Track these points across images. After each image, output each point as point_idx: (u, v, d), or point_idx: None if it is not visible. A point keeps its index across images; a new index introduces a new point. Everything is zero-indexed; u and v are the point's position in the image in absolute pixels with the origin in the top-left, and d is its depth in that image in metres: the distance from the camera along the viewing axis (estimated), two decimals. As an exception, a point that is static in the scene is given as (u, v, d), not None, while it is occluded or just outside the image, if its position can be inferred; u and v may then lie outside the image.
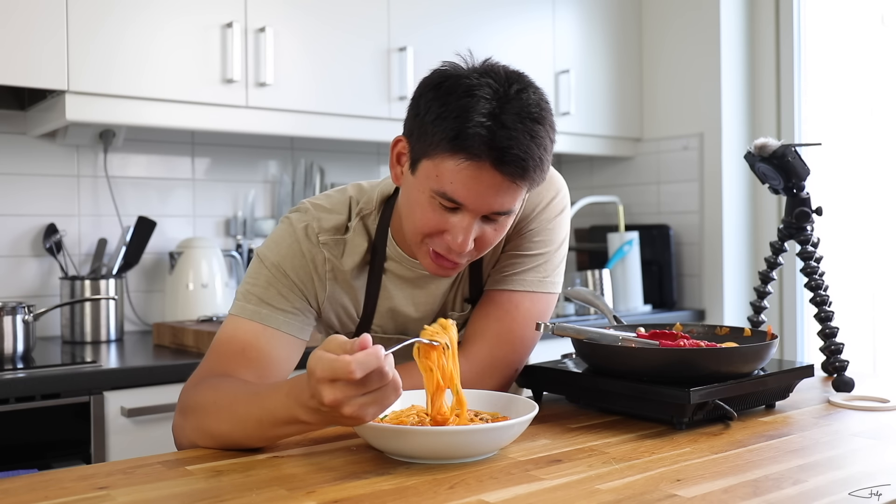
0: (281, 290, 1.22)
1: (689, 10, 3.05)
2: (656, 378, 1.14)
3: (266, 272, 1.24)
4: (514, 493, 0.86)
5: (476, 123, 1.06)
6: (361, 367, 0.88)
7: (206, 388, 1.13)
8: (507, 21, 2.80)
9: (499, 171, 1.08)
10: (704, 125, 3.01)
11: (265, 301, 1.22)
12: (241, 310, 1.22)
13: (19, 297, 2.31)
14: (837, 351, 1.48)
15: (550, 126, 1.13)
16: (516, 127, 1.07)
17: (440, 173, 1.10)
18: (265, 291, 1.22)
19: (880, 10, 2.78)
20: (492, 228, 1.16)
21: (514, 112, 1.08)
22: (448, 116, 1.08)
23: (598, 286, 2.78)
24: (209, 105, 2.22)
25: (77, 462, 1.78)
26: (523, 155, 1.08)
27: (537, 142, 1.09)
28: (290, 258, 1.24)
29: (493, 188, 1.09)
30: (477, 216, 1.13)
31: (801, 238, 1.53)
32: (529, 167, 1.09)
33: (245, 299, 1.23)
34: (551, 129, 1.13)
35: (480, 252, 1.19)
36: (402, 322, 1.33)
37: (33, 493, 0.87)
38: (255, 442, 1.04)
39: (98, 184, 2.45)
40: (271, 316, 1.21)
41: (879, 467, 0.97)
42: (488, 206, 1.11)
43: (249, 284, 1.24)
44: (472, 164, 1.08)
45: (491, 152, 1.07)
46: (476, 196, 1.10)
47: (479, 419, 1.04)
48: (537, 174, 1.11)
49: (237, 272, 2.64)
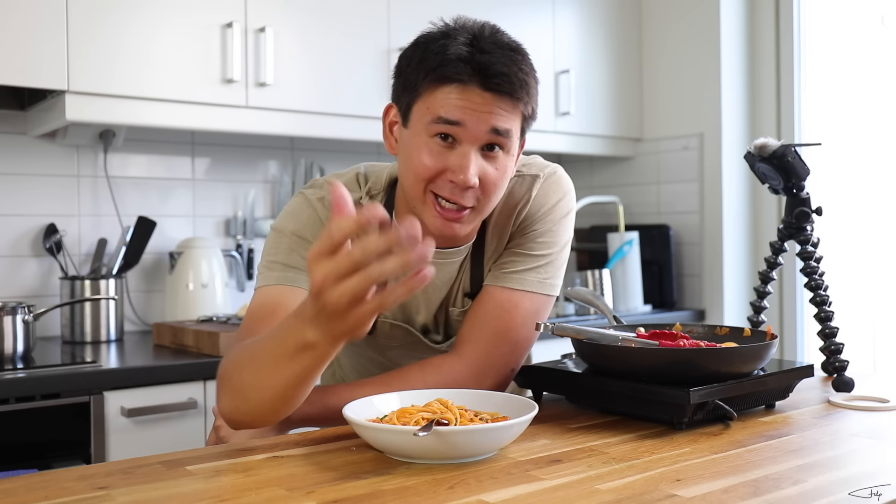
0: (304, 255, 1.21)
1: (689, 11, 3.05)
2: (656, 378, 1.14)
3: (286, 240, 1.24)
4: (513, 493, 0.86)
5: (456, 50, 1.12)
6: (339, 230, 0.81)
7: (233, 350, 1.10)
8: (508, 21, 2.80)
9: (487, 90, 1.12)
10: (704, 125, 3.01)
11: (289, 265, 1.22)
12: (267, 279, 1.22)
13: (19, 297, 2.31)
14: (837, 351, 1.48)
15: (531, 63, 1.19)
16: (495, 51, 1.13)
17: (431, 105, 1.14)
18: (288, 257, 1.22)
19: (880, 11, 2.78)
20: (492, 167, 1.16)
21: (491, 41, 1.15)
22: (428, 57, 1.14)
23: (598, 286, 2.78)
24: (209, 105, 2.22)
25: (77, 462, 1.78)
26: (506, 70, 1.12)
27: (519, 65, 1.14)
28: (309, 226, 1.24)
29: (484, 106, 1.12)
30: (475, 145, 1.14)
31: (801, 238, 1.53)
32: (515, 84, 1.13)
33: (269, 269, 1.23)
34: (532, 66, 1.19)
35: (487, 197, 1.18)
36: (408, 311, 1.33)
37: (33, 493, 0.87)
38: (276, 387, 1.00)
39: (98, 184, 2.45)
40: (298, 277, 1.21)
41: (879, 467, 0.97)
42: (484, 125, 1.13)
43: (271, 255, 1.24)
44: (460, 86, 1.12)
45: (475, 73, 1.12)
46: (470, 115, 1.12)
47: (479, 419, 1.04)
48: (525, 95, 1.15)
49: (237, 272, 2.64)
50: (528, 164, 1.33)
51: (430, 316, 1.34)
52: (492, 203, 1.20)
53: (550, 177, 1.31)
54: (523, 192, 1.30)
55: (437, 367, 1.26)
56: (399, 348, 1.37)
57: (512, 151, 1.19)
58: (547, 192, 1.30)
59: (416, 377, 1.24)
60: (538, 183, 1.30)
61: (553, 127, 2.93)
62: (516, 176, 1.30)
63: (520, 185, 1.30)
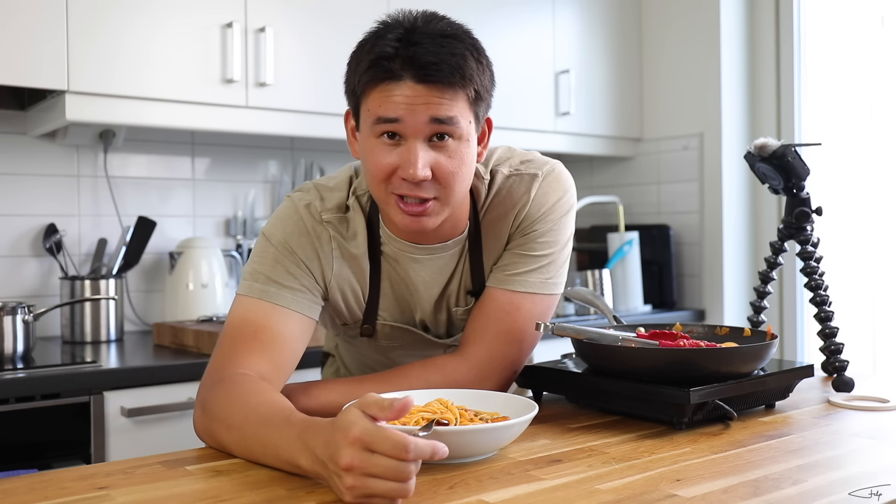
0: (288, 268, 1.22)
1: (689, 10, 3.05)
2: (656, 378, 1.14)
3: (272, 250, 1.23)
4: (513, 493, 0.86)
5: (384, 48, 1.12)
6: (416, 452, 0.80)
7: (221, 394, 1.09)
8: (507, 21, 2.80)
9: (419, 82, 1.11)
10: (704, 125, 3.01)
11: (273, 279, 1.21)
12: (250, 289, 1.22)
13: (19, 297, 2.31)
14: (837, 351, 1.48)
15: (471, 43, 1.16)
16: (424, 41, 1.12)
17: (371, 107, 1.14)
18: (272, 269, 1.22)
19: (880, 11, 2.78)
20: (445, 156, 1.15)
21: (422, 32, 1.13)
22: (363, 59, 1.14)
23: (598, 286, 2.78)
24: (209, 105, 2.22)
25: (77, 462, 1.78)
26: (435, 59, 1.11)
27: (451, 50, 1.12)
28: (295, 235, 1.24)
29: (419, 99, 1.11)
30: (418, 138, 1.13)
31: (801, 238, 1.53)
32: (446, 70, 1.11)
33: (253, 278, 1.22)
34: (473, 46, 1.16)
35: (447, 187, 1.16)
36: (406, 311, 1.33)
37: (33, 493, 0.87)
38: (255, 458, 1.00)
39: (98, 184, 2.45)
40: (280, 294, 1.21)
41: (879, 467, 0.97)
42: (422, 117, 1.12)
43: (256, 263, 1.24)
44: (392, 83, 1.11)
45: (405, 67, 1.11)
46: (406, 110, 1.11)
47: (479, 419, 1.04)
48: (460, 79, 1.13)
49: (237, 272, 2.64)
50: (527, 162, 1.31)
51: (429, 313, 1.33)
52: (455, 192, 1.17)
53: (549, 175, 1.30)
54: (522, 192, 1.28)
55: (440, 367, 1.26)
56: (401, 349, 1.37)
57: (465, 136, 1.16)
58: (547, 192, 1.28)
59: (419, 376, 1.24)
60: (537, 182, 1.28)
61: (553, 127, 2.93)
62: (514, 175, 1.29)
63: (518, 185, 1.29)
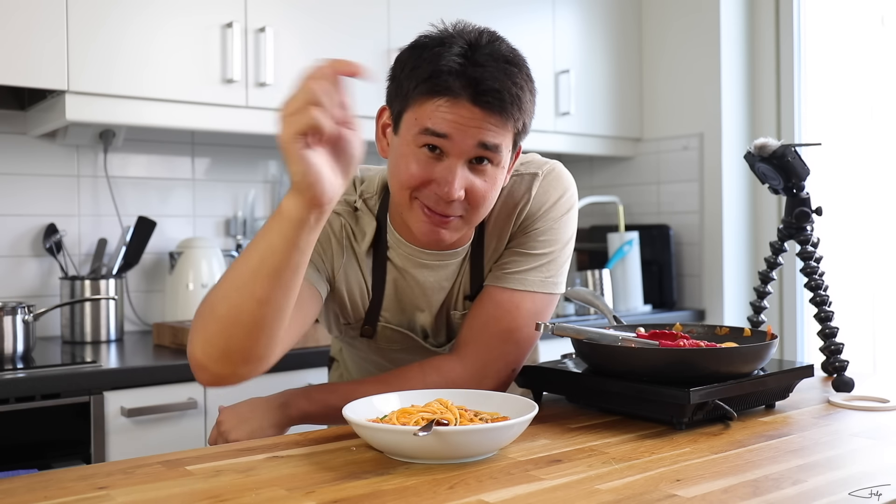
0: None
1: (689, 11, 3.05)
2: (656, 378, 1.14)
3: None
4: (513, 493, 0.86)
5: (449, 62, 1.10)
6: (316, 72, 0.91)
7: None
8: (507, 21, 2.80)
9: (476, 105, 1.10)
10: (704, 125, 3.01)
11: None
12: None
13: (19, 297, 2.31)
14: (837, 351, 1.48)
15: (528, 74, 1.15)
16: (489, 64, 1.10)
17: (419, 116, 1.12)
18: None
19: (880, 11, 2.78)
20: (481, 180, 1.15)
21: (487, 53, 1.11)
22: (422, 65, 1.12)
23: (598, 286, 2.78)
24: (209, 105, 2.22)
25: (77, 462, 1.78)
26: (498, 87, 1.10)
27: (513, 79, 1.11)
28: None
29: (473, 121, 1.10)
30: (461, 159, 1.13)
31: (801, 238, 1.53)
32: (506, 100, 1.10)
33: None
34: (528, 77, 1.15)
35: (475, 209, 1.17)
36: (410, 314, 1.33)
37: (33, 493, 0.87)
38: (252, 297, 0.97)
39: (98, 184, 2.45)
40: None
41: (879, 467, 0.97)
42: (471, 140, 1.11)
43: None
44: (450, 100, 1.10)
45: (466, 87, 1.09)
46: (457, 129, 1.10)
47: (479, 419, 1.04)
48: (516, 111, 1.12)
49: (237, 272, 2.64)
50: (527, 163, 1.31)
51: (431, 319, 1.34)
52: (480, 214, 1.19)
53: (549, 174, 1.30)
54: (523, 191, 1.29)
55: (437, 368, 1.26)
56: (401, 351, 1.37)
57: (502, 164, 1.17)
58: (547, 190, 1.29)
59: (416, 377, 1.24)
60: (537, 181, 1.29)
61: (553, 127, 2.93)
62: (515, 175, 1.30)
63: (519, 185, 1.29)
